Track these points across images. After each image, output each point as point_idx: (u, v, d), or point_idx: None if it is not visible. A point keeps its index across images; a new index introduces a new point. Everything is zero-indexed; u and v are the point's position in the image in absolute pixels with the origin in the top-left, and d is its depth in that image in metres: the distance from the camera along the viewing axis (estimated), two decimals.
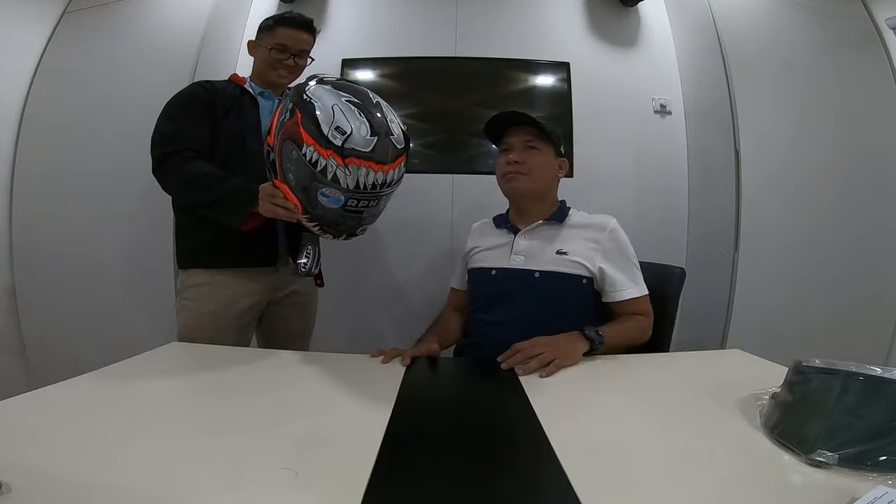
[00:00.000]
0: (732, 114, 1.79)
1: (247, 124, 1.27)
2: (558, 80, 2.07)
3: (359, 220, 0.98)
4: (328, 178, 0.89)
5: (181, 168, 1.16)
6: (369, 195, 0.93)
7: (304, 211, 0.95)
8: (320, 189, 0.90)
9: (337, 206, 0.91)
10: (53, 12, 1.96)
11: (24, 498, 0.45)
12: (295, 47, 1.30)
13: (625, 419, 0.70)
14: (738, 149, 1.78)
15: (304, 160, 0.90)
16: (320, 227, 0.98)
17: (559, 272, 1.11)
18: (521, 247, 1.16)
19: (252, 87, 1.33)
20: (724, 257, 1.83)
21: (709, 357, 1.14)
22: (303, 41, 1.31)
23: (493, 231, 1.25)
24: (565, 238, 1.14)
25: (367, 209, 0.96)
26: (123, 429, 0.63)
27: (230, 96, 1.28)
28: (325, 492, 0.50)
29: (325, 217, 0.94)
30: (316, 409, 0.71)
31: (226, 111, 1.26)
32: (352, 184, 0.90)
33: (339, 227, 0.98)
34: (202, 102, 1.23)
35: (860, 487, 0.47)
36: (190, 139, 1.19)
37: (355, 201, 0.92)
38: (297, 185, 0.94)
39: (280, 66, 1.30)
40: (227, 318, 1.25)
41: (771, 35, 1.84)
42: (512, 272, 1.14)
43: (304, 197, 0.93)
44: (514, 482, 0.53)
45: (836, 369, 0.58)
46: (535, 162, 1.16)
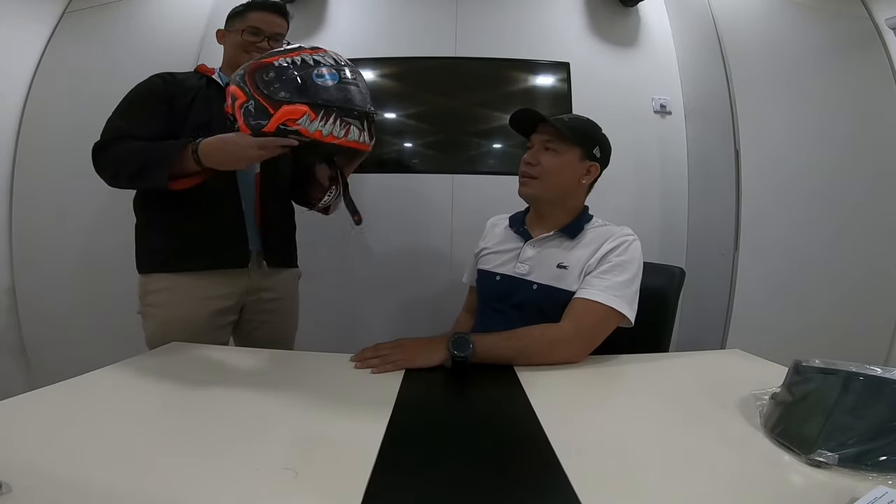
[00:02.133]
0: (732, 114, 1.80)
1: (214, 115, 1.17)
2: (558, 80, 2.07)
3: (362, 98, 0.96)
4: (312, 64, 0.93)
5: (111, 150, 1.10)
6: (347, 65, 0.97)
7: (311, 112, 0.91)
8: (314, 73, 0.92)
9: (334, 80, 0.93)
10: (53, 12, 1.96)
11: (24, 498, 0.45)
12: (269, 30, 1.23)
13: (625, 419, 0.70)
14: (738, 149, 1.78)
15: (283, 68, 0.93)
16: (336, 117, 0.93)
17: (557, 287, 1.04)
18: (527, 255, 1.11)
19: (220, 77, 1.26)
20: (724, 257, 1.83)
21: (709, 357, 1.13)
22: (276, 24, 1.24)
23: (506, 233, 1.20)
24: (572, 252, 1.06)
25: (359, 83, 0.97)
26: (123, 429, 0.63)
27: (194, 87, 1.21)
28: (325, 492, 0.50)
29: (333, 97, 0.93)
30: (316, 409, 0.71)
31: (189, 102, 1.19)
32: (331, 60, 0.95)
33: (352, 105, 0.94)
34: (159, 95, 1.17)
35: (860, 487, 0.47)
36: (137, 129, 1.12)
37: (346, 70, 0.96)
38: (293, 90, 0.92)
39: (254, 49, 1.21)
40: (197, 324, 1.16)
41: (771, 35, 1.84)
42: (513, 280, 1.11)
43: (306, 95, 0.92)
44: (514, 482, 0.53)
45: (836, 369, 0.58)
46: (549, 164, 1.07)
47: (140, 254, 1.23)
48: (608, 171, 1.16)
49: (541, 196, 1.11)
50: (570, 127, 1.08)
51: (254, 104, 0.94)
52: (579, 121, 1.13)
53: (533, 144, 1.12)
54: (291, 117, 0.91)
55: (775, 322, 1.78)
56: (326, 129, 0.92)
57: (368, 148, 1.00)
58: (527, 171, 1.10)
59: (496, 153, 2.07)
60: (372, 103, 0.99)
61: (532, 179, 1.09)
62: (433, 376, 0.88)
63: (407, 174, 2.06)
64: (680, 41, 2.10)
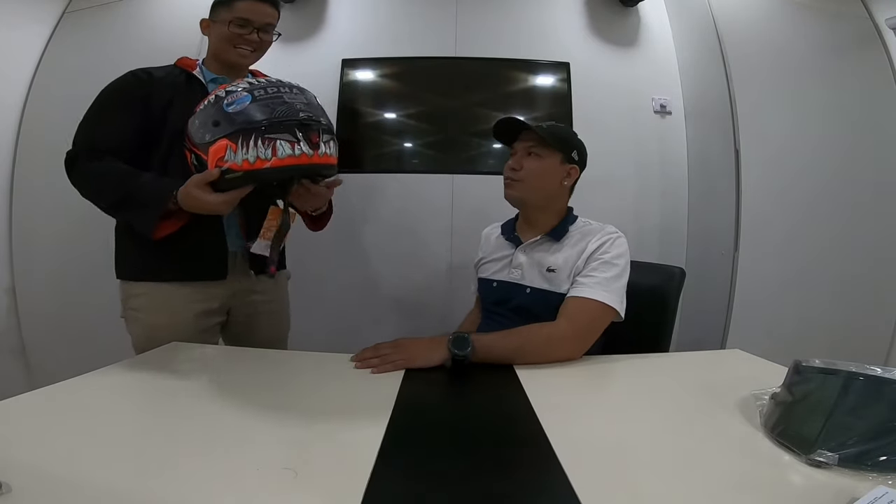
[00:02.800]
0: (732, 114, 1.80)
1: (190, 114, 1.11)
2: (558, 80, 2.07)
3: (289, 107, 0.87)
4: (224, 95, 0.88)
5: (88, 167, 1.04)
6: (270, 84, 0.90)
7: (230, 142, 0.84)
8: (224, 104, 0.86)
9: (247, 101, 0.86)
10: (53, 12, 1.96)
11: (24, 498, 0.45)
12: (258, 20, 1.13)
13: (625, 419, 0.70)
14: (738, 149, 1.78)
15: (200, 112, 0.90)
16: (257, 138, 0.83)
17: (547, 290, 1.09)
18: (518, 261, 1.16)
19: (203, 72, 1.17)
20: (724, 257, 1.83)
21: (709, 357, 1.13)
22: (266, 14, 1.14)
23: (499, 241, 1.24)
24: (560, 255, 1.11)
25: (285, 94, 0.88)
26: (123, 429, 0.63)
27: (172, 85, 1.12)
28: (325, 492, 0.50)
29: (249, 118, 0.84)
30: (316, 409, 0.71)
31: (167, 102, 1.09)
32: (245, 84, 0.89)
33: (273, 118, 0.84)
34: (132, 95, 1.08)
35: (860, 487, 0.47)
36: (109, 139, 1.06)
37: (262, 91, 0.87)
38: (211, 129, 0.86)
39: (241, 41, 1.13)
40: (182, 328, 1.11)
41: (771, 35, 1.84)
42: (508, 286, 1.16)
43: (222, 128, 0.85)
44: (514, 482, 0.53)
45: (836, 369, 0.58)
46: (531, 168, 1.12)
47: (118, 260, 1.18)
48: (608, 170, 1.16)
49: (525, 198, 1.15)
50: (551, 133, 1.13)
51: (195, 157, 0.91)
52: (558, 128, 1.18)
53: (516, 151, 1.16)
54: (219, 156, 0.85)
55: (775, 322, 1.78)
56: (251, 154, 0.83)
57: (311, 160, 0.86)
58: (511, 175, 1.14)
59: (496, 153, 2.07)
60: (312, 110, 0.89)
61: (516, 182, 1.13)
62: (433, 376, 0.88)
63: (407, 174, 2.06)
64: (680, 41, 2.10)
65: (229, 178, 0.85)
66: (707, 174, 1.99)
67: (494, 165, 2.06)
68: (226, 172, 0.85)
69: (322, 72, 2.04)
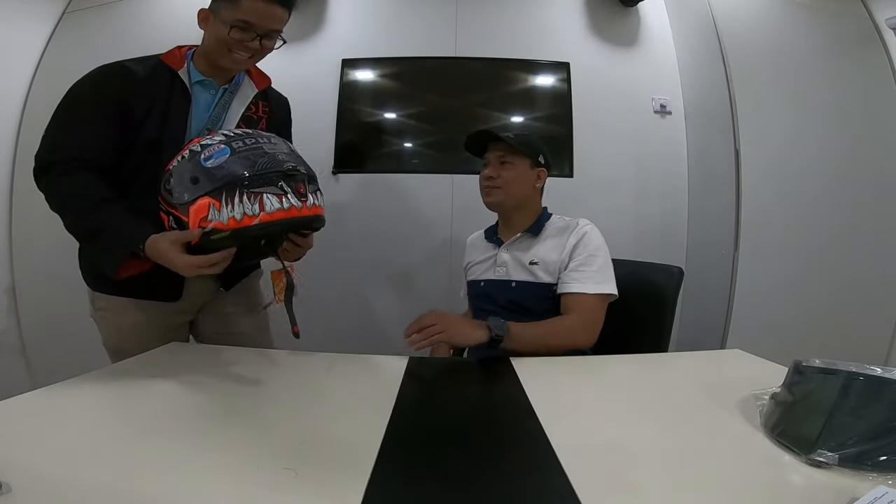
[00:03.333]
0: (732, 114, 1.80)
1: (171, 125, 0.99)
2: (558, 80, 2.08)
3: (270, 158, 0.81)
4: (199, 150, 0.82)
5: (57, 182, 0.93)
6: (248, 135, 0.84)
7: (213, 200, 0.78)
8: (201, 158, 0.80)
9: (225, 154, 0.79)
10: (53, 12, 1.97)
11: (24, 498, 0.45)
12: (263, 25, 0.97)
13: (625, 419, 0.70)
14: (738, 149, 1.78)
15: (175, 168, 0.83)
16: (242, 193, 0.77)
17: (532, 282, 1.18)
18: (502, 259, 1.24)
19: (190, 72, 1.03)
20: (724, 257, 1.83)
21: (709, 357, 1.13)
22: (275, 17, 0.97)
23: (483, 244, 1.33)
24: (539, 248, 1.21)
25: (264, 144, 0.83)
26: (123, 429, 0.63)
27: (155, 87, 0.99)
28: (325, 492, 0.50)
29: (231, 172, 0.78)
30: (316, 408, 0.71)
31: (146, 110, 0.97)
32: (221, 137, 0.84)
33: (256, 170, 0.78)
34: (107, 97, 0.96)
35: (860, 487, 0.47)
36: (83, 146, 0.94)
37: (240, 142, 0.82)
38: (189, 187, 0.80)
39: (240, 49, 0.98)
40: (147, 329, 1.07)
41: (771, 35, 1.84)
42: (495, 283, 1.24)
43: (202, 185, 0.79)
44: (514, 482, 0.53)
45: (836, 369, 0.58)
46: (508, 176, 1.22)
47: (81, 266, 1.12)
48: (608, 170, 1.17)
49: (504, 203, 1.24)
50: (519, 141, 1.22)
51: (173, 219, 0.84)
52: (524, 135, 1.28)
53: (489, 161, 1.25)
54: (202, 216, 0.78)
55: (775, 322, 1.78)
56: (237, 211, 0.76)
57: (301, 213, 0.81)
58: (489, 183, 1.23)
59: None
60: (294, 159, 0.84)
61: (495, 189, 1.22)
62: (433, 376, 0.88)
63: (407, 174, 2.06)
64: (680, 41, 2.10)
65: (216, 239, 0.79)
66: (707, 174, 1.99)
67: None
68: (211, 233, 0.78)
69: (322, 72, 2.04)
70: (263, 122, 1.14)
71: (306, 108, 2.06)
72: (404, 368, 0.91)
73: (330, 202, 0.99)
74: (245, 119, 1.10)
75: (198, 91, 1.04)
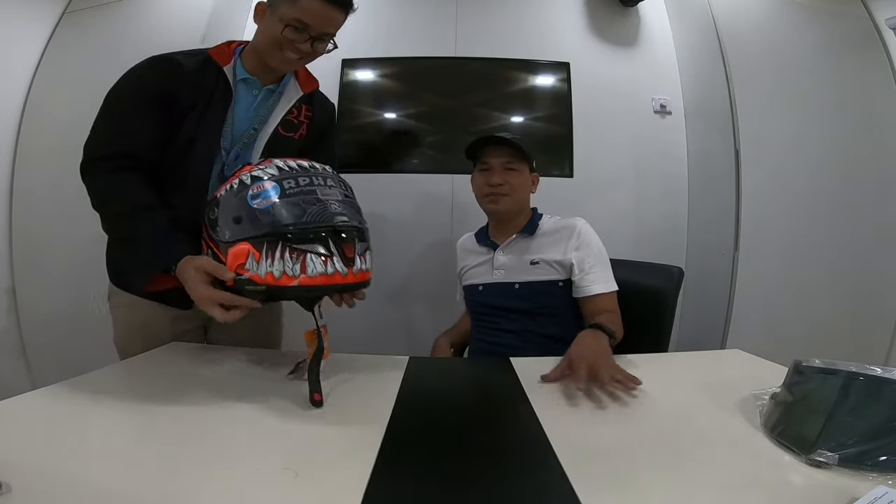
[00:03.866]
0: (732, 114, 1.80)
1: (207, 123, 0.97)
2: (558, 80, 2.07)
3: (322, 209, 0.73)
4: (249, 183, 0.75)
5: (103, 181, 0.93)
6: (303, 172, 0.77)
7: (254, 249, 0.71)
8: (248, 195, 0.73)
9: (275, 195, 0.72)
10: (53, 12, 1.96)
11: (24, 498, 0.45)
12: (318, 27, 0.94)
13: (625, 419, 0.70)
14: (738, 149, 1.78)
15: (222, 199, 0.77)
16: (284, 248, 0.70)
17: (535, 281, 1.18)
18: (500, 262, 1.24)
19: (237, 68, 1.00)
20: (724, 257, 1.83)
21: (709, 357, 1.13)
22: (331, 20, 0.95)
23: (476, 248, 1.31)
24: (537, 248, 1.21)
25: (318, 187, 0.75)
26: (123, 429, 0.63)
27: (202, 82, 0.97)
28: (325, 492, 0.50)
29: (275, 219, 0.71)
30: (316, 409, 0.71)
31: (191, 104, 0.95)
32: (274, 170, 0.76)
33: (302, 224, 0.71)
34: (155, 90, 0.94)
35: (860, 487, 0.47)
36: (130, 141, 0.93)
37: (291, 182, 0.74)
38: (231, 225, 0.74)
39: (291, 50, 0.95)
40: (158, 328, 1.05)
41: (771, 35, 1.84)
42: (495, 286, 1.23)
43: (244, 227, 0.72)
44: (514, 482, 0.53)
45: (836, 369, 0.58)
46: (516, 182, 1.21)
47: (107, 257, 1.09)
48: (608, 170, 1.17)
49: (511, 210, 1.24)
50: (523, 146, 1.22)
51: (211, 254, 0.78)
52: (521, 140, 1.25)
53: (492, 166, 1.22)
54: (239, 262, 0.71)
55: (775, 322, 1.78)
56: (277, 268, 0.69)
57: (345, 280, 0.72)
58: (496, 190, 1.21)
59: None
60: (348, 210, 0.76)
61: (503, 196, 1.21)
62: (433, 376, 0.88)
63: (407, 174, 2.06)
64: (680, 41, 2.10)
65: (249, 290, 0.73)
66: (707, 174, 1.99)
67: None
68: (245, 283, 0.72)
69: (322, 72, 2.03)
70: (304, 127, 1.10)
71: None
72: (404, 368, 0.91)
73: None
74: (284, 123, 1.06)
75: (241, 89, 1.01)
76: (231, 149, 1.01)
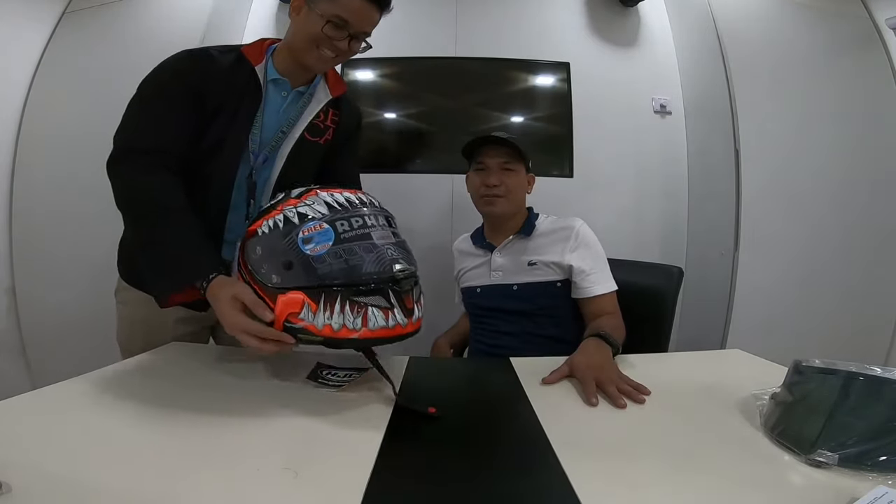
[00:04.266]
0: (732, 114, 1.80)
1: (236, 125, 0.95)
2: (558, 80, 2.07)
3: (379, 256, 0.70)
4: (297, 222, 0.70)
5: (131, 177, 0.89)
6: (354, 210, 0.73)
7: (309, 300, 0.67)
8: (298, 237, 0.68)
9: (328, 240, 0.68)
10: (53, 12, 1.96)
11: (24, 498, 0.45)
12: (357, 25, 0.92)
13: (625, 419, 0.70)
14: (738, 149, 1.78)
15: (266, 237, 0.72)
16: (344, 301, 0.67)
17: (533, 282, 1.17)
18: (497, 263, 1.23)
19: (268, 68, 0.98)
20: (724, 257, 1.83)
21: (709, 357, 1.13)
22: (370, 19, 0.93)
23: (473, 249, 1.30)
24: (535, 248, 1.20)
25: (372, 230, 0.72)
26: (123, 429, 0.63)
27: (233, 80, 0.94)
28: (325, 492, 0.50)
29: (332, 270, 0.67)
30: (316, 408, 0.71)
31: (221, 103, 0.93)
32: (323, 208, 0.72)
33: (362, 276, 0.68)
34: (188, 84, 0.92)
35: (860, 487, 0.47)
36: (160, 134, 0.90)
37: (345, 224, 0.70)
38: (281, 270, 0.69)
39: (328, 47, 0.93)
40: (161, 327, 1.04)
41: (771, 35, 1.84)
42: (493, 288, 1.22)
43: (297, 274, 0.68)
44: (514, 482, 0.53)
45: (836, 369, 0.58)
46: (512, 184, 1.20)
47: (119, 254, 1.10)
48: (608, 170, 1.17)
49: (507, 212, 1.22)
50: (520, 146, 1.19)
51: (253, 293, 0.74)
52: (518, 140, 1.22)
53: (488, 166, 1.21)
54: (292, 311, 0.68)
55: (775, 322, 1.78)
56: (336, 321, 0.66)
57: (405, 330, 0.70)
58: (493, 192, 1.19)
59: None
60: (403, 253, 0.73)
61: (500, 198, 1.19)
62: (433, 376, 0.88)
63: (407, 174, 2.06)
64: (680, 41, 2.10)
65: (303, 338, 0.70)
66: (707, 174, 1.99)
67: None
68: (299, 331, 0.69)
69: None
70: (330, 131, 1.08)
71: None
72: (404, 368, 0.91)
73: None
74: (310, 127, 1.03)
75: (271, 90, 0.98)
76: (259, 152, 0.99)
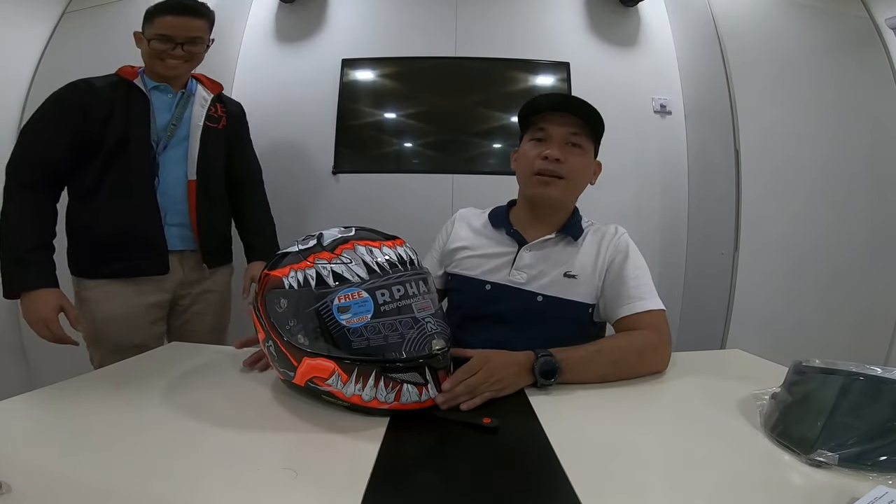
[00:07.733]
0: (732, 113, 1.80)
1: (132, 126, 1.16)
2: (558, 80, 2.07)
3: (420, 332, 0.66)
4: (332, 284, 0.64)
5: (18, 198, 1.11)
6: (396, 276, 0.67)
7: (341, 371, 0.64)
8: (334, 305, 0.63)
9: (369, 314, 0.63)
10: (53, 12, 1.96)
11: (24, 498, 0.45)
12: (181, 35, 1.14)
13: (625, 419, 0.70)
14: (738, 149, 1.78)
15: (295, 292, 0.66)
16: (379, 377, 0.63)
17: (566, 299, 0.93)
18: (524, 261, 0.96)
19: (144, 80, 1.20)
20: (724, 257, 1.83)
21: (709, 357, 1.13)
22: (190, 28, 1.15)
23: (490, 232, 1.02)
24: (577, 258, 0.95)
25: (413, 300, 0.67)
26: (123, 429, 0.63)
27: (112, 95, 1.16)
28: (325, 492, 0.50)
29: (369, 346, 0.63)
30: (316, 408, 0.71)
31: (107, 114, 1.14)
32: (362, 271, 0.65)
33: (399, 355, 0.65)
34: (71, 108, 1.13)
35: (860, 487, 0.47)
36: (44, 152, 1.12)
37: (385, 293, 0.65)
38: (312, 334, 0.65)
39: (169, 58, 1.15)
40: (128, 321, 1.20)
41: (771, 35, 1.84)
42: (511, 291, 0.95)
43: (330, 343, 0.64)
44: (515, 482, 0.53)
45: (836, 369, 0.58)
46: (577, 164, 0.94)
47: (69, 257, 1.24)
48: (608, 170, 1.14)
49: (563, 200, 0.97)
50: (600, 117, 0.94)
51: (273, 346, 0.70)
52: (596, 111, 0.95)
53: (552, 136, 0.93)
54: (319, 375, 0.65)
55: (775, 322, 1.78)
56: (367, 394, 0.64)
57: (434, 402, 0.68)
58: (554, 169, 0.92)
59: (496, 153, 2.07)
60: (440, 325, 0.69)
61: (560, 180, 0.93)
62: None
63: (407, 174, 2.06)
64: (680, 41, 2.10)
65: (326, 398, 0.68)
66: (707, 174, 1.99)
67: (494, 165, 2.06)
68: (322, 392, 0.67)
69: (322, 72, 2.04)
70: (224, 119, 1.33)
71: (306, 108, 2.07)
72: None
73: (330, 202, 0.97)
74: (208, 118, 1.28)
75: (155, 95, 1.21)
76: (159, 141, 1.20)
